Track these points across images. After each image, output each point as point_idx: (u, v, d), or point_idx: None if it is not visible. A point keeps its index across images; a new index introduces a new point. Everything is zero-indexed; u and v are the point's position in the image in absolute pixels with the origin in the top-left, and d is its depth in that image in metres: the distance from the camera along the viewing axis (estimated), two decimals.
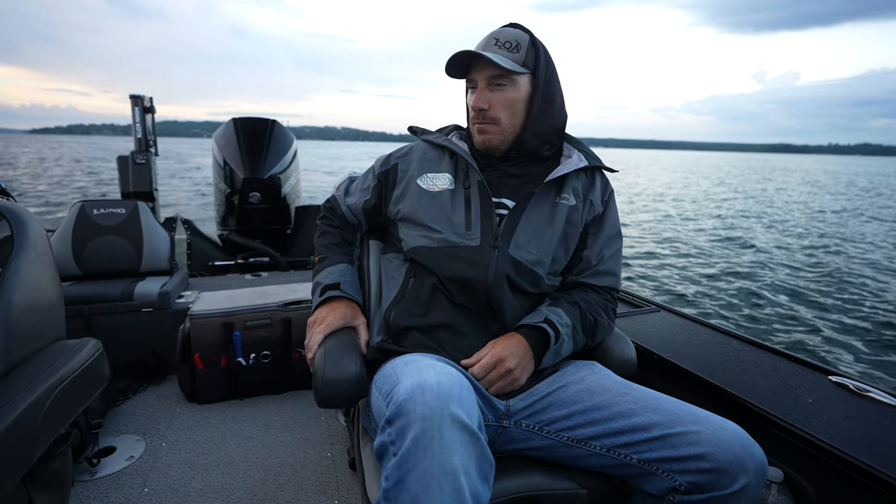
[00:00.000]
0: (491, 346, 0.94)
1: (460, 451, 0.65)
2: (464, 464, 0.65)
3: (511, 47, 0.97)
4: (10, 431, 0.78)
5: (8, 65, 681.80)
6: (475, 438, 0.68)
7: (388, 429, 0.70)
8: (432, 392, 0.69)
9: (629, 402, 0.86)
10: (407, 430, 0.67)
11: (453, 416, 0.67)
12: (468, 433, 0.68)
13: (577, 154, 1.06)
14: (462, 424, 0.67)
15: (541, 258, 1.00)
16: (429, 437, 0.65)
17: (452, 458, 0.65)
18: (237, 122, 2.92)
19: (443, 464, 0.64)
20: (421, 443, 0.65)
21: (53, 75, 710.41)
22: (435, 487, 0.63)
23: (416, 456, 0.65)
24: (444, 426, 0.66)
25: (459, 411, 0.68)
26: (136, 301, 2.00)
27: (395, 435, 0.68)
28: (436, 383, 0.70)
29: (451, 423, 0.66)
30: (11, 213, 1.04)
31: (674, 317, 1.67)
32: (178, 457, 1.55)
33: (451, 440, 0.65)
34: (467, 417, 0.68)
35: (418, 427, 0.66)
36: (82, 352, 1.04)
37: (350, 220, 1.19)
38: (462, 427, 0.67)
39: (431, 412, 0.67)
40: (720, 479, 0.74)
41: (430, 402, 0.68)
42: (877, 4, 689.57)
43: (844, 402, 1.08)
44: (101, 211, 2.20)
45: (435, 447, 0.65)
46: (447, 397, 0.68)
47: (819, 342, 4.48)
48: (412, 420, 0.67)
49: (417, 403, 0.68)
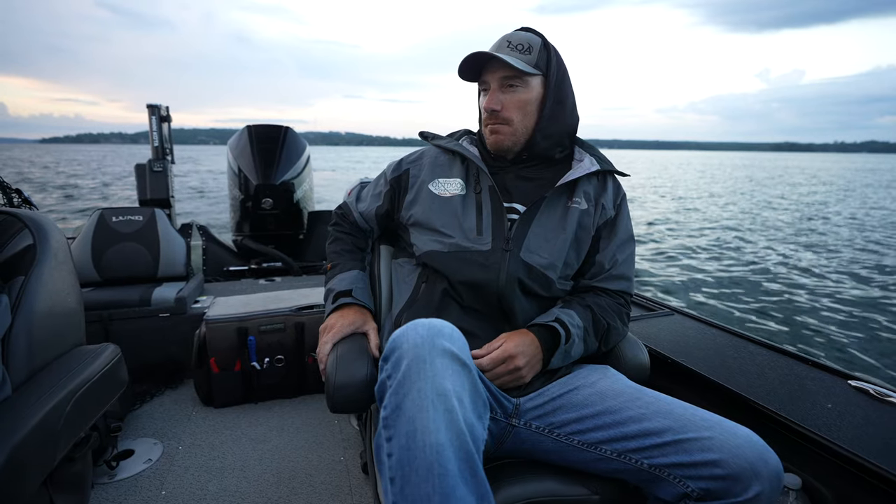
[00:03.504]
0: (503, 339, 0.94)
1: (451, 377, 0.69)
2: (456, 389, 0.69)
3: (523, 49, 0.97)
4: (33, 435, 0.80)
5: (17, 75, 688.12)
6: (466, 370, 0.72)
7: (385, 366, 0.75)
8: (423, 326, 0.74)
9: (641, 407, 0.85)
10: (401, 360, 0.71)
11: (443, 347, 0.71)
12: (459, 363, 0.71)
13: (589, 158, 1.06)
14: (452, 354, 0.71)
15: (553, 262, 1.00)
16: (420, 362, 0.69)
17: (444, 381, 0.68)
18: (251, 129, 2.97)
19: (435, 385, 0.67)
20: (414, 367, 0.69)
21: (61, 85, 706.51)
22: (428, 405, 0.66)
23: (410, 380, 0.68)
24: (436, 353, 0.70)
25: (449, 344, 0.72)
26: (154, 306, 2.03)
27: (391, 369, 0.73)
28: (428, 322, 0.75)
29: (441, 351, 0.71)
30: (33, 222, 1.07)
31: (687, 320, 1.65)
32: (195, 460, 1.57)
33: (442, 366, 0.69)
34: (458, 351, 0.72)
35: (410, 355, 0.70)
36: (101, 357, 1.07)
37: (362, 226, 1.20)
38: (452, 356, 0.71)
39: (422, 341, 0.71)
40: (733, 486, 0.73)
41: (421, 333, 0.73)
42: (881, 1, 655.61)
43: (865, 407, 1.06)
44: (120, 218, 2.25)
45: (427, 370, 0.69)
46: (437, 331, 0.73)
47: (838, 345, 4.37)
48: (405, 351, 0.71)
49: (409, 336, 0.73)
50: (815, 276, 6.87)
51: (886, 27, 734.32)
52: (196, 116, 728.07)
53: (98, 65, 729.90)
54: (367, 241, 1.22)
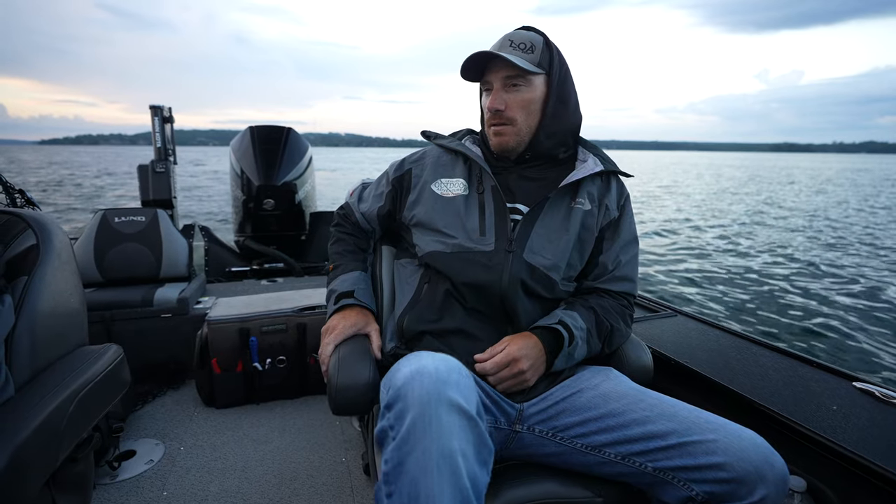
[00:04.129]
0: (506, 342, 0.94)
1: (458, 434, 0.66)
2: (461, 447, 0.66)
3: (526, 48, 0.97)
4: (36, 435, 0.80)
5: (17, 77, 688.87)
6: (473, 423, 0.69)
7: (388, 414, 0.71)
8: (430, 377, 0.70)
9: (645, 409, 0.85)
10: (405, 413, 0.68)
11: (450, 399, 0.68)
12: (466, 417, 0.68)
13: (593, 158, 1.06)
14: (459, 408, 0.68)
15: (556, 263, 0.99)
16: (426, 420, 0.66)
17: (451, 440, 0.65)
18: (253, 130, 2.97)
19: (440, 446, 0.65)
20: (419, 425, 0.66)
21: (60, 86, 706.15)
22: (433, 468, 0.64)
23: (415, 438, 0.66)
24: (441, 409, 0.67)
25: (456, 395, 0.69)
26: (156, 307, 2.04)
27: (393, 419, 0.70)
28: (434, 369, 0.71)
29: (448, 406, 0.67)
30: (36, 223, 1.07)
31: (691, 321, 1.64)
32: (196, 461, 1.57)
33: (448, 423, 0.66)
34: (465, 402, 0.69)
35: (416, 410, 0.67)
36: (104, 357, 1.07)
37: (364, 226, 1.20)
38: (459, 411, 0.68)
39: (428, 396, 0.68)
40: (738, 489, 0.73)
41: (426, 385, 0.69)
42: (880, 1, 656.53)
43: (870, 408, 1.05)
44: (123, 219, 2.25)
45: (432, 430, 0.65)
46: (444, 382, 0.69)
47: (843, 347, 4.36)
48: (410, 404, 0.68)
49: (415, 388, 0.69)
50: (817, 277, 6.85)
51: (885, 28, 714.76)
52: (196, 117, 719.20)
53: (98, 66, 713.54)
54: (370, 242, 1.22)
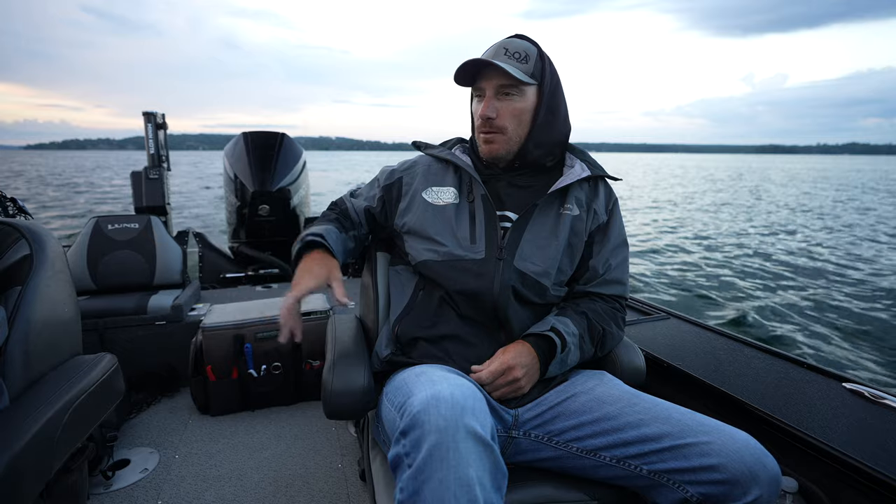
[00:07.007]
0: (501, 353, 0.95)
1: (476, 463, 0.66)
2: (479, 475, 0.66)
3: (520, 58, 0.98)
4: (30, 446, 0.80)
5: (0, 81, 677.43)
6: (489, 450, 0.69)
7: (403, 440, 0.70)
8: (447, 404, 0.69)
9: (639, 413, 0.86)
10: (422, 441, 0.67)
11: (468, 427, 0.67)
12: (483, 444, 0.68)
13: (580, 164, 1.07)
14: (477, 436, 0.68)
15: (546, 269, 1.00)
16: (444, 449, 0.65)
17: (468, 469, 0.65)
18: (247, 136, 2.97)
19: (459, 475, 0.64)
20: (436, 454, 0.65)
21: (46, 91, 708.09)
22: (451, 499, 0.63)
23: (432, 467, 0.65)
24: (460, 437, 0.66)
25: (474, 423, 0.68)
26: (150, 314, 2.03)
27: (409, 447, 0.69)
28: (450, 395, 0.70)
29: (465, 434, 0.67)
30: (30, 232, 1.07)
31: (683, 324, 1.66)
32: (191, 469, 1.56)
33: (466, 452, 0.66)
34: (482, 429, 0.69)
35: (433, 438, 0.66)
36: (98, 367, 1.06)
37: (352, 217, 1.15)
38: (477, 438, 0.68)
39: (447, 424, 0.67)
40: (732, 491, 0.74)
41: (444, 413, 0.68)
42: (861, 6, 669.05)
43: (860, 409, 1.07)
44: (116, 226, 2.24)
45: (451, 459, 0.65)
46: (462, 409, 0.69)
47: (832, 348, 4.40)
48: (427, 431, 0.67)
49: (432, 415, 0.68)
50: (808, 278, 6.92)
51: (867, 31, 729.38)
52: (185, 122, 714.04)
53: (83, 70, 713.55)
54: (355, 230, 1.15)
